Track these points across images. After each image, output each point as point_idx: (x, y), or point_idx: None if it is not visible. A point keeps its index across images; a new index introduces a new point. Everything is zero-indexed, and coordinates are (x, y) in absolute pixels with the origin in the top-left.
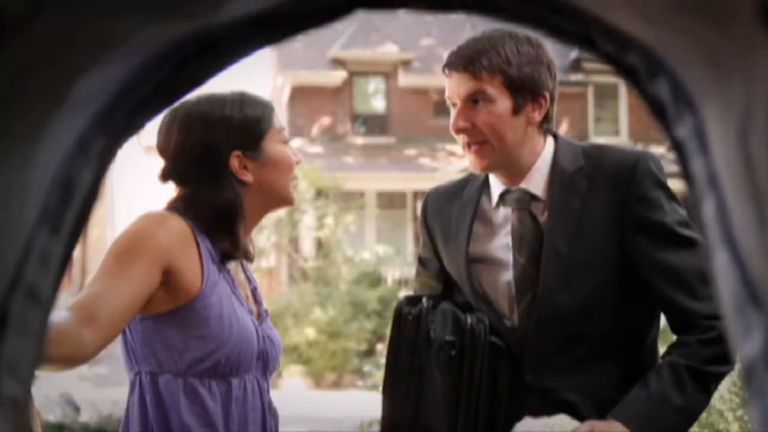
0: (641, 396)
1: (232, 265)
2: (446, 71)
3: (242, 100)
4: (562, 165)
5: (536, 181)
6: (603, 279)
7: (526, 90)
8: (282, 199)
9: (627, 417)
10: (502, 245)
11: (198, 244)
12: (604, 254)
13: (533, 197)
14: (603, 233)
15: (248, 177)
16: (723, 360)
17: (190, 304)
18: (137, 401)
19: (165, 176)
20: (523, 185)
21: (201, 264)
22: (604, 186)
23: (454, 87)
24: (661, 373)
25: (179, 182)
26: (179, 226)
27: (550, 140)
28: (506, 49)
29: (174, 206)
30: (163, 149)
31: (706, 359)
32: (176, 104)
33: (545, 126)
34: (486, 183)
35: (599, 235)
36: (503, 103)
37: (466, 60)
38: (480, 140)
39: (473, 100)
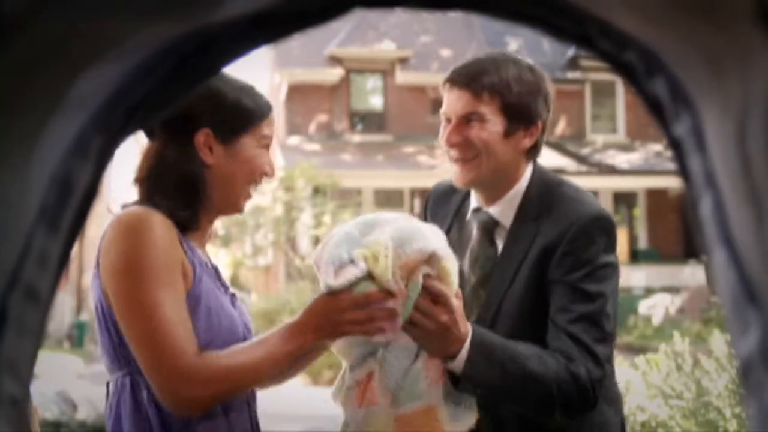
0: (508, 343)
1: (203, 255)
2: (447, 86)
3: (245, 88)
4: (529, 204)
5: (504, 209)
6: (529, 325)
7: (521, 116)
8: (230, 201)
9: (477, 335)
10: (466, 258)
11: (180, 240)
12: (530, 304)
13: (497, 223)
14: (533, 282)
15: (210, 159)
16: (565, 403)
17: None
18: (129, 401)
19: (150, 130)
20: (492, 209)
21: (186, 257)
22: (548, 234)
23: (452, 102)
24: (537, 351)
25: (149, 133)
26: (165, 222)
27: (529, 170)
28: (509, 73)
29: (142, 195)
30: None
31: (561, 381)
32: None
33: (532, 154)
34: (469, 193)
35: (530, 284)
36: (495, 124)
37: (469, 78)
38: (472, 155)
39: (468, 119)
